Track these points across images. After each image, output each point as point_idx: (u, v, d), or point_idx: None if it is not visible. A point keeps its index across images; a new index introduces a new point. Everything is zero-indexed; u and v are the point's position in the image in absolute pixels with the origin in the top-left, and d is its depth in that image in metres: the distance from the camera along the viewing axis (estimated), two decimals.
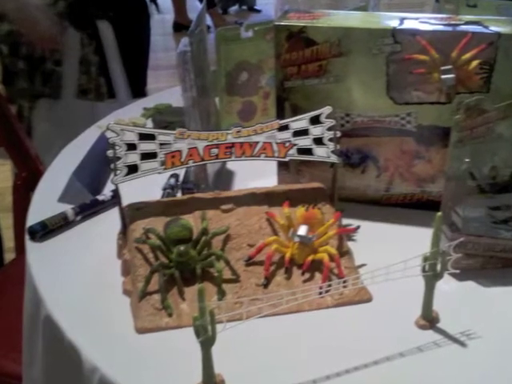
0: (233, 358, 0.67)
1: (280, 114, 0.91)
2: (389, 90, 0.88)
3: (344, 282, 0.74)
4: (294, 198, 0.85)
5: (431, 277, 0.72)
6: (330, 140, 0.84)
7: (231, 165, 1.08)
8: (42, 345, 0.82)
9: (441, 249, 0.70)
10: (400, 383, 0.67)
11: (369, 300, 0.78)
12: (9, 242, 1.55)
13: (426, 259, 0.70)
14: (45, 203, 1.00)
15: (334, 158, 0.84)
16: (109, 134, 0.81)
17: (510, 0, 1.05)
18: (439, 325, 0.74)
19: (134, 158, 0.80)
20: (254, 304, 0.67)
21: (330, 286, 0.75)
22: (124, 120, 1.26)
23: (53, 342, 0.77)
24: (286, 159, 0.84)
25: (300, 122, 0.84)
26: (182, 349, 0.68)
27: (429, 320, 0.74)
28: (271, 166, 0.96)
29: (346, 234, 0.85)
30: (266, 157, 0.84)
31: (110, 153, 0.79)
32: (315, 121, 0.84)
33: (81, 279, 0.83)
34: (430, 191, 0.93)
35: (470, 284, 0.81)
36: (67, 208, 0.94)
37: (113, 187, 0.82)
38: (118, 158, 0.80)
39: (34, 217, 0.94)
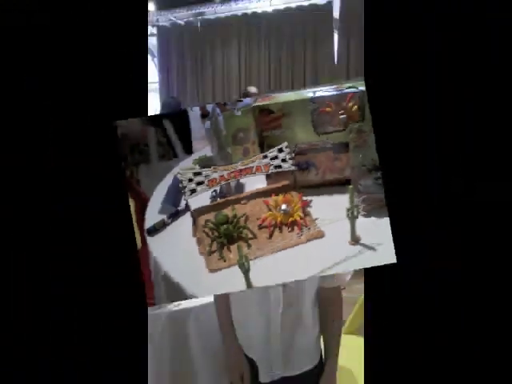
0: None
1: (262, 151, 0.89)
2: (315, 128, 0.88)
3: (308, 228, 0.77)
4: (277, 191, 0.86)
5: (352, 217, 0.74)
6: (290, 159, 0.86)
7: (242, 179, 1.01)
8: None
9: (355, 202, 0.72)
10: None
11: (322, 236, 0.79)
12: None
13: (349, 209, 0.73)
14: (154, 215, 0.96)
15: (292, 168, 0.86)
16: (179, 176, 0.83)
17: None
18: (361, 241, 0.74)
19: (192, 185, 0.81)
20: (264, 247, 0.68)
21: (302, 231, 0.77)
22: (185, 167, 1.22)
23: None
24: (269, 172, 0.85)
25: (272, 153, 0.86)
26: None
27: (355, 240, 0.75)
28: (262, 177, 0.90)
29: (305, 205, 0.84)
30: (259, 173, 0.84)
31: (180, 184, 0.81)
32: (280, 150, 0.86)
33: (180, 251, 0.83)
34: (345, 176, 0.90)
35: (372, 219, 0.79)
36: (164, 216, 0.94)
37: (185, 202, 0.84)
38: (185, 187, 0.81)
39: (148, 222, 0.93)
